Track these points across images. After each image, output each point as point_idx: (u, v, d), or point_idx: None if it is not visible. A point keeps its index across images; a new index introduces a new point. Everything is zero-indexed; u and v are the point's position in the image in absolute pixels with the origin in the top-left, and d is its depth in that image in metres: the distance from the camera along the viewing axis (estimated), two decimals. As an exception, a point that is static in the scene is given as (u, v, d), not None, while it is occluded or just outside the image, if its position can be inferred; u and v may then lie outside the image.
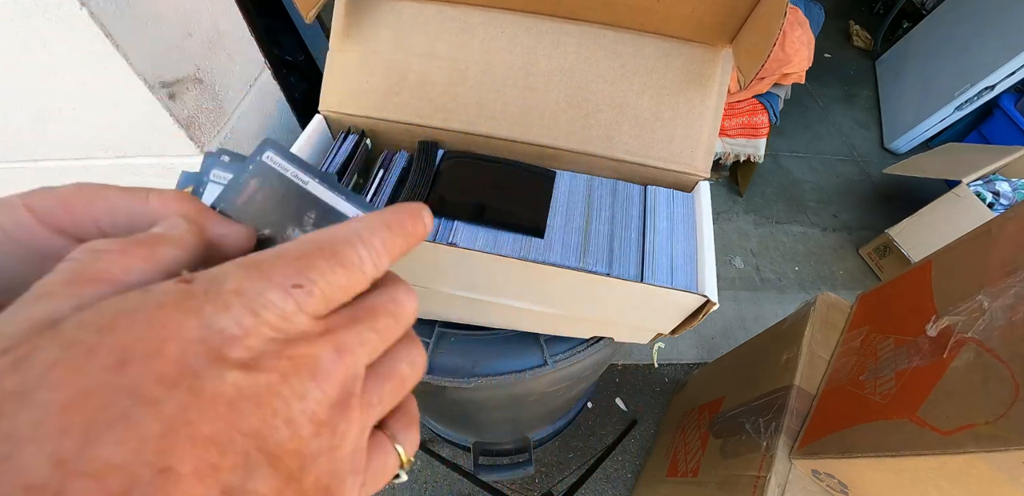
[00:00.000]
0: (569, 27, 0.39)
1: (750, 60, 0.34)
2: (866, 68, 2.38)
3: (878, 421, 0.55)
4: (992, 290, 0.52)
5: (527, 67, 0.39)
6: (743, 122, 1.43)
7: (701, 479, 0.85)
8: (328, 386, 0.13)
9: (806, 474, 0.64)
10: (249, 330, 0.12)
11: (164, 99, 0.47)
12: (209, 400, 0.11)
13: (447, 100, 0.40)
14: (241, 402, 0.11)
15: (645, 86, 0.39)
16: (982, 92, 1.72)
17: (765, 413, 0.73)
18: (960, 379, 0.49)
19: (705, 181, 0.40)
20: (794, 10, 1.38)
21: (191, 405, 0.10)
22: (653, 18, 0.37)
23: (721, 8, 0.34)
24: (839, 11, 2.61)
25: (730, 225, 1.69)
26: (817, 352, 0.75)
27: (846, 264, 1.63)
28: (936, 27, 2.04)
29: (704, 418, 0.97)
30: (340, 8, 0.39)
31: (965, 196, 1.35)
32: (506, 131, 0.40)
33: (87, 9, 0.39)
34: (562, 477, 1.15)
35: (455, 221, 0.36)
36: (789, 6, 0.30)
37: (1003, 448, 0.41)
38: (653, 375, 1.34)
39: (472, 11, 0.39)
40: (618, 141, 0.39)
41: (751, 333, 1.03)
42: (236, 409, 0.11)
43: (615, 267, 0.35)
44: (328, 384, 0.13)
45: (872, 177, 1.92)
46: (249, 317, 0.12)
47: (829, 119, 2.14)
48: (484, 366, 0.46)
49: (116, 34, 0.41)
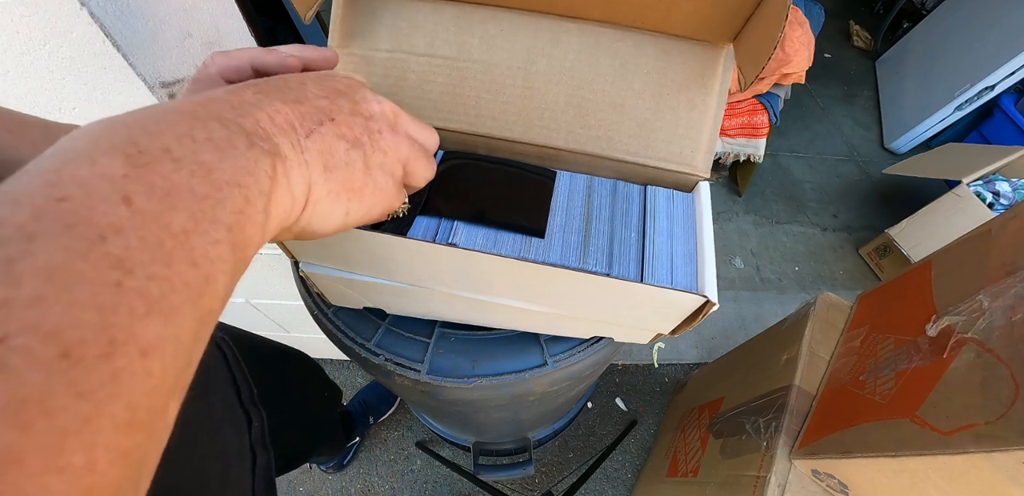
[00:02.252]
0: (569, 25, 0.39)
1: (751, 61, 0.34)
2: (866, 68, 2.38)
3: (878, 421, 0.55)
4: (992, 290, 0.52)
5: (527, 66, 0.39)
6: (743, 122, 1.43)
7: (701, 479, 0.85)
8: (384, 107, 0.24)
9: (806, 474, 0.64)
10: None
11: (164, 99, 0.47)
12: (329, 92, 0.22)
13: (446, 100, 0.40)
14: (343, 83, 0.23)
15: (645, 85, 0.39)
16: (982, 92, 1.72)
17: (765, 413, 0.73)
18: (960, 379, 0.49)
19: (705, 181, 0.40)
20: (794, 10, 1.38)
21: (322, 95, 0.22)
22: (654, 16, 0.37)
23: (724, 6, 0.34)
24: (839, 11, 2.61)
25: (730, 225, 1.69)
26: (817, 352, 0.75)
27: (846, 264, 1.63)
28: (936, 27, 2.04)
29: (704, 418, 0.97)
30: (338, 7, 0.39)
31: (965, 196, 1.35)
32: (506, 131, 0.40)
33: (87, 9, 0.39)
34: (562, 477, 1.15)
35: (455, 221, 0.36)
36: (790, 7, 0.30)
37: (1003, 448, 0.41)
38: (653, 375, 1.34)
39: (471, 9, 0.39)
40: (618, 141, 0.39)
41: (751, 333, 1.03)
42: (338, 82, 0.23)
43: (615, 267, 0.35)
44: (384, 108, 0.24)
45: (872, 177, 1.92)
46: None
47: (829, 119, 2.14)
48: (484, 366, 0.46)
49: (116, 34, 0.41)
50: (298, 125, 0.20)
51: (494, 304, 0.39)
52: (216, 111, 0.17)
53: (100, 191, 0.13)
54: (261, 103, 0.19)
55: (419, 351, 0.46)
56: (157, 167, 0.14)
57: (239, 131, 0.17)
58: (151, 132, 0.15)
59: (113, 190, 0.13)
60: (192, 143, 0.15)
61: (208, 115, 0.17)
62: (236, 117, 0.18)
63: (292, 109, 0.20)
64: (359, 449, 1.17)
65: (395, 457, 1.17)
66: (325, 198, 0.21)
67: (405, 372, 0.46)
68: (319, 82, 0.22)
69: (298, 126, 0.20)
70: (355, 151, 0.22)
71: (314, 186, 0.20)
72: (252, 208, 0.16)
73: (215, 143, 0.16)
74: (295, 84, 0.21)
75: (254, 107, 0.18)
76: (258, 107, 0.19)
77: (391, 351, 0.47)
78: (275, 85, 0.21)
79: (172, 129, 0.15)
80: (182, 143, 0.15)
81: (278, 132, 0.19)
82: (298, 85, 0.21)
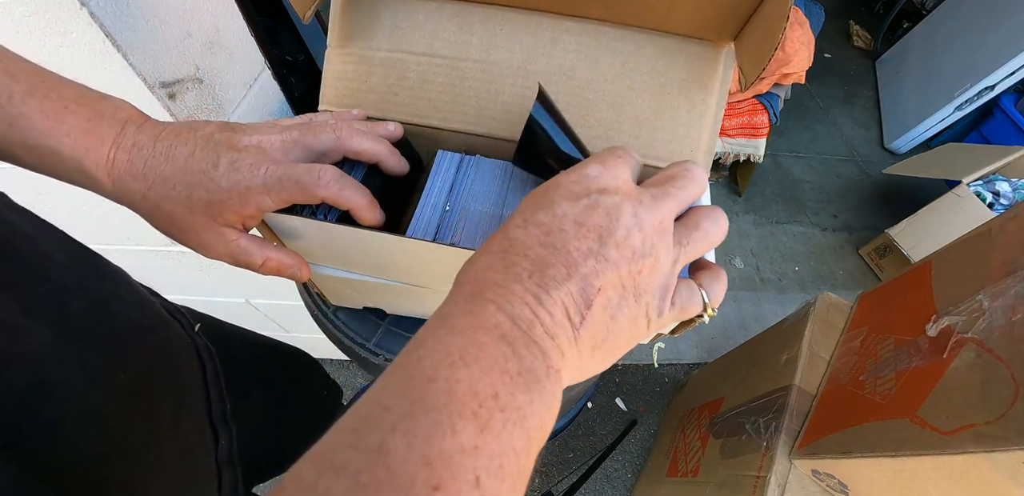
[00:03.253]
0: (569, 24, 0.39)
1: (752, 62, 0.34)
2: (866, 68, 2.38)
3: (878, 421, 0.55)
4: (992, 290, 0.52)
5: (526, 66, 0.39)
6: (743, 122, 1.43)
7: (701, 479, 0.85)
8: (649, 216, 0.21)
9: (806, 474, 0.64)
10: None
11: (164, 99, 0.47)
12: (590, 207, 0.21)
13: (446, 100, 0.40)
14: (602, 209, 0.21)
15: (645, 85, 0.39)
16: (982, 92, 1.72)
17: (765, 413, 0.73)
18: (960, 379, 0.49)
19: (705, 181, 0.40)
20: (794, 10, 1.38)
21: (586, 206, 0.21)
22: (655, 15, 0.37)
23: (725, 5, 0.34)
24: (839, 11, 2.60)
25: (730, 225, 1.68)
26: (817, 352, 0.75)
27: (846, 264, 1.63)
28: (936, 27, 2.04)
29: (704, 418, 0.97)
30: (337, 6, 0.39)
31: (965, 196, 1.35)
32: (506, 131, 0.40)
33: (87, 9, 0.39)
34: (562, 477, 1.15)
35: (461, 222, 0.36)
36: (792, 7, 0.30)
37: (1003, 448, 0.41)
38: (653, 375, 1.34)
39: (471, 8, 0.39)
40: (617, 141, 0.39)
41: (751, 333, 1.03)
42: (597, 213, 0.21)
43: (615, 267, 0.35)
44: (650, 214, 0.21)
45: (872, 177, 1.92)
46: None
47: (829, 119, 2.14)
48: (484, 366, 0.46)
49: (116, 34, 0.41)
50: (572, 314, 0.19)
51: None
52: (513, 319, 0.18)
53: (462, 474, 0.14)
54: (541, 298, 0.19)
55: (419, 351, 0.46)
56: (493, 427, 0.15)
57: (539, 354, 0.18)
58: (483, 369, 0.16)
59: (469, 470, 0.14)
60: (510, 381, 0.16)
61: (512, 334, 0.18)
62: (529, 329, 0.18)
63: (565, 295, 0.19)
64: (359, 449, 1.17)
65: (395, 457, 1.17)
66: (592, 370, 0.21)
67: (405, 372, 0.46)
68: (580, 223, 0.20)
69: (572, 315, 0.19)
70: (620, 313, 0.20)
71: (581, 368, 0.21)
72: (540, 441, 0.17)
73: (525, 379, 0.17)
74: (559, 242, 0.20)
75: (539, 306, 0.18)
76: (541, 305, 0.19)
77: (391, 351, 0.47)
78: (541, 254, 0.20)
79: (496, 364, 0.17)
80: (504, 382, 0.16)
81: (559, 332, 0.19)
82: (562, 243, 0.20)
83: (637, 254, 0.21)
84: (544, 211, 0.21)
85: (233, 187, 0.26)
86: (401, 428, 0.14)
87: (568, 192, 0.22)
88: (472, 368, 0.16)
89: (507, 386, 0.16)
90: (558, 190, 0.22)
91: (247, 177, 0.26)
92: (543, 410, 0.17)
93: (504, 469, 0.15)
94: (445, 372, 0.16)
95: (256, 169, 0.26)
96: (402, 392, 0.15)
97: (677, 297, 0.23)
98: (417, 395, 0.15)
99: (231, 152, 0.26)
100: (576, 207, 0.21)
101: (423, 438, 0.14)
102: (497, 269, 0.20)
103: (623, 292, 0.20)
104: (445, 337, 0.17)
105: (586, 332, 0.19)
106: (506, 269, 0.19)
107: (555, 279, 0.19)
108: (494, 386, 0.16)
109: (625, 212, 0.21)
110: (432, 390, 0.15)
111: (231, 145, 0.26)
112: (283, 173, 0.26)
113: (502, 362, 0.17)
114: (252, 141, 0.27)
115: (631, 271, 0.20)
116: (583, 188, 0.22)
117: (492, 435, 0.15)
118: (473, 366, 0.16)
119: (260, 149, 0.27)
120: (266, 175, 0.26)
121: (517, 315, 0.18)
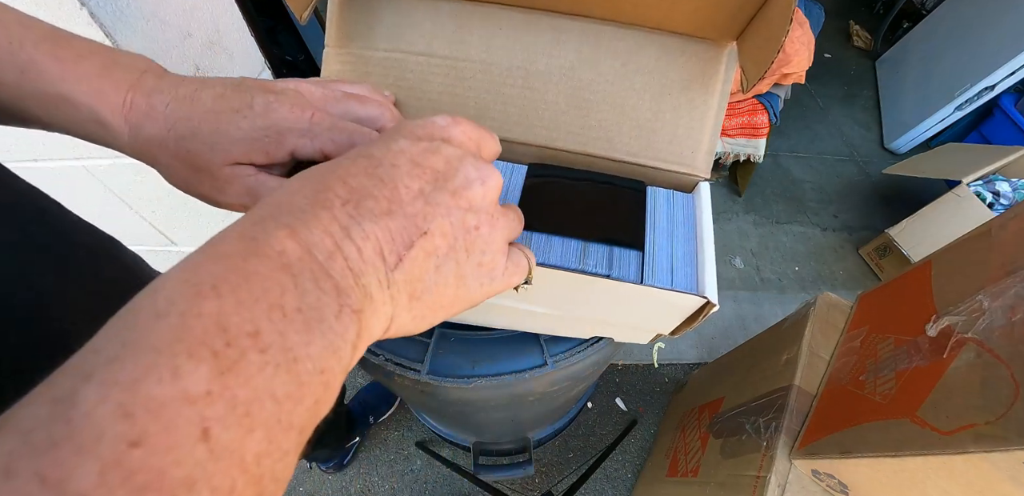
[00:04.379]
0: (569, 24, 0.39)
1: (754, 63, 0.34)
2: (866, 68, 2.38)
3: (878, 421, 0.55)
4: (992, 290, 0.52)
5: (526, 66, 0.39)
6: (743, 122, 1.43)
7: (701, 479, 0.85)
8: (494, 176, 0.20)
9: (806, 474, 0.64)
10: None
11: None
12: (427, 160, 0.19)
13: (445, 100, 0.40)
14: (442, 155, 0.19)
15: (646, 85, 0.39)
16: (982, 92, 1.72)
17: (765, 413, 0.73)
18: (960, 379, 0.49)
19: (706, 182, 0.40)
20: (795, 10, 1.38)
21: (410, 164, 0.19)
22: (656, 14, 0.37)
23: (726, 4, 0.34)
24: (839, 11, 2.60)
25: (730, 225, 1.69)
26: (817, 352, 0.75)
27: (846, 264, 1.63)
28: (936, 27, 2.04)
29: (704, 418, 0.97)
30: (334, 6, 0.39)
31: (965, 196, 1.35)
32: (506, 132, 0.40)
33: (87, 9, 0.39)
34: (562, 477, 1.15)
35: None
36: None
37: (1003, 448, 0.41)
38: (653, 375, 1.34)
39: (471, 8, 0.39)
40: (618, 142, 0.39)
41: (751, 333, 1.03)
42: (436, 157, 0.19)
43: (615, 268, 0.35)
44: (495, 175, 0.20)
45: (872, 177, 1.92)
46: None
47: (829, 119, 2.14)
48: (484, 366, 0.46)
49: (116, 34, 0.41)
50: (387, 252, 0.17)
51: (494, 305, 0.39)
52: (308, 247, 0.15)
53: (180, 426, 0.11)
54: (351, 229, 0.16)
55: (419, 351, 0.46)
56: (242, 369, 0.13)
57: (331, 290, 0.15)
58: (243, 302, 0.14)
59: (193, 421, 0.12)
60: (282, 318, 0.14)
61: (301, 264, 0.15)
62: (327, 261, 0.16)
63: (382, 230, 0.17)
64: (359, 449, 1.17)
65: (395, 457, 1.17)
66: (408, 324, 0.19)
67: (405, 372, 0.46)
68: (417, 163, 0.19)
69: (386, 254, 0.17)
70: (447, 265, 0.19)
71: (396, 319, 0.18)
72: (329, 393, 0.15)
73: (305, 317, 0.14)
74: (387, 176, 0.18)
75: (345, 237, 0.16)
76: (348, 237, 0.16)
77: (391, 351, 0.47)
78: (364, 184, 0.17)
79: (265, 296, 0.14)
80: (272, 319, 0.14)
81: (366, 270, 0.17)
82: (390, 178, 0.18)
83: (475, 208, 0.19)
84: (379, 145, 0.19)
85: (272, 126, 0.24)
86: (99, 375, 0.11)
87: (409, 132, 0.20)
88: (226, 300, 0.13)
89: (276, 323, 0.14)
90: (400, 130, 0.20)
91: (288, 117, 0.24)
92: (327, 354, 0.15)
93: (252, 418, 0.13)
94: (183, 305, 0.13)
95: (300, 111, 0.24)
96: (119, 333, 0.13)
97: (510, 262, 0.22)
98: (136, 335, 0.12)
99: (267, 94, 0.24)
100: (416, 146, 0.19)
101: (125, 385, 0.11)
102: (305, 194, 0.17)
103: (453, 243, 0.19)
104: (201, 264, 0.14)
105: (402, 276, 0.17)
106: (316, 194, 0.17)
107: (372, 212, 0.17)
108: (255, 322, 0.13)
109: (467, 164, 0.19)
110: (157, 327, 0.12)
111: (266, 88, 0.24)
112: (333, 124, 0.24)
113: (276, 296, 0.14)
114: (290, 85, 0.25)
115: (466, 224, 0.19)
116: (427, 132, 0.20)
117: (239, 379, 0.12)
118: (228, 298, 0.13)
119: (299, 94, 0.25)
120: (312, 120, 0.24)
121: (315, 244, 0.16)
